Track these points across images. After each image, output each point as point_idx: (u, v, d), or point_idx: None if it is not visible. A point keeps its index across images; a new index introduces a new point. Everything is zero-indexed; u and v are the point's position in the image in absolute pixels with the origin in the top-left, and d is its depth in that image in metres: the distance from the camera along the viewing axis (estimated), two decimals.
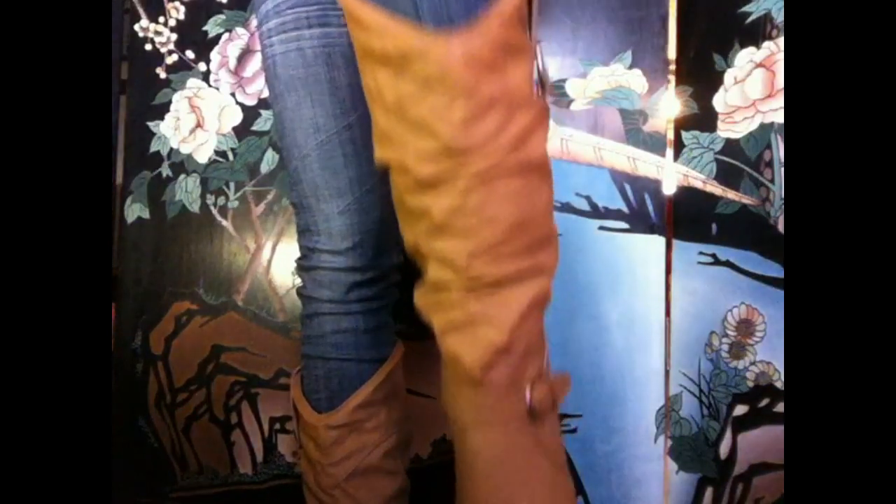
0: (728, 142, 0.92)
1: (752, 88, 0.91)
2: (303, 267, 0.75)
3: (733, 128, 0.91)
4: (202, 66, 1.09)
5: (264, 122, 1.06)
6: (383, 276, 0.74)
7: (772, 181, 0.90)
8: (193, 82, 1.09)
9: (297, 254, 0.77)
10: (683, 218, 0.93)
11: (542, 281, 0.51)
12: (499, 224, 0.48)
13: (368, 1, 0.46)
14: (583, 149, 0.95)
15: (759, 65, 0.90)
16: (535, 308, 0.51)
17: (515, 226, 0.49)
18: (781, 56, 0.89)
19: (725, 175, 0.92)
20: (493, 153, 0.47)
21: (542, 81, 0.50)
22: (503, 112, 0.47)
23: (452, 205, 0.48)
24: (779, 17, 0.89)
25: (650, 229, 0.94)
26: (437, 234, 0.50)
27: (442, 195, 0.48)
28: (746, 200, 0.91)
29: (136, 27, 1.10)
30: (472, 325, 0.50)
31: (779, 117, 0.90)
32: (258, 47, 0.85)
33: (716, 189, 0.92)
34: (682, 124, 0.93)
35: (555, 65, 0.97)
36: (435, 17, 0.46)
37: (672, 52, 0.94)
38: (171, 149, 1.09)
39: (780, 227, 0.90)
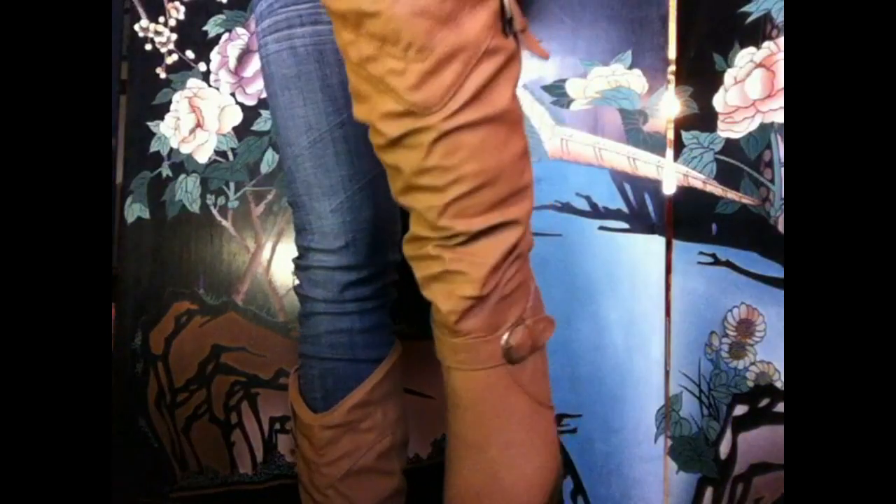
0: (728, 142, 0.92)
1: (752, 88, 0.91)
2: (299, 266, 0.76)
3: (733, 128, 0.91)
4: (202, 66, 1.09)
5: (264, 122, 1.06)
6: (378, 275, 0.74)
7: (772, 181, 0.90)
8: (193, 82, 1.09)
9: (296, 253, 0.77)
10: (683, 218, 0.93)
11: (514, 232, 0.52)
12: (465, 180, 0.49)
13: None
14: (583, 149, 0.95)
15: (759, 65, 0.90)
16: (509, 258, 0.53)
17: (482, 180, 0.49)
18: (781, 56, 0.89)
19: (725, 175, 0.92)
20: (452, 108, 0.47)
21: (510, 21, 0.49)
22: (461, 65, 0.46)
23: (418, 163, 0.49)
24: (779, 17, 0.89)
25: (650, 229, 0.94)
26: (410, 190, 0.51)
27: (409, 153, 0.49)
28: (746, 200, 0.91)
29: (136, 27, 1.10)
30: (447, 277, 0.52)
31: (779, 117, 0.90)
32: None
33: (716, 189, 0.92)
34: (682, 124, 0.93)
35: (555, 65, 0.97)
36: None
37: (672, 52, 0.94)
38: (171, 149, 1.09)
39: (780, 227, 0.90)
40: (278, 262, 1.05)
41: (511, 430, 0.56)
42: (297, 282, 0.76)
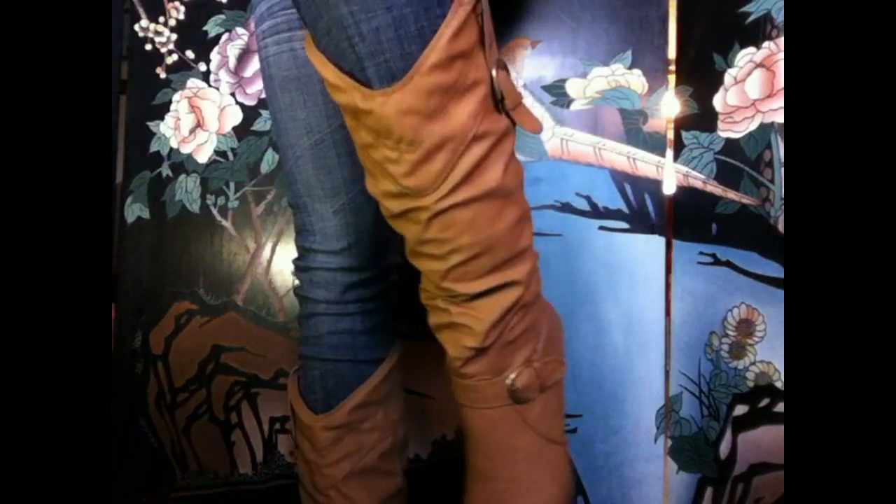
0: (728, 142, 0.92)
1: (752, 88, 0.91)
2: (299, 267, 0.75)
3: (733, 128, 0.91)
4: (202, 66, 1.09)
5: (264, 122, 1.06)
6: (380, 276, 0.74)
7: (772, 181, 0.90)
8: (193, 82, 1.09)
9: (296, 254, 0.76)
10: (683, 218, 0.93)
11: (515, 291, 0.56)
12: (461, 250, 0.53)
13: (330, 61, 0.50)
14: (583, 149, 0.95)
15: (759, 65, 0.90)
16: (510, 313, 0.56)
17: (478, 250, 0.53)
18: (781, 56, 0.89)
19: (725, 175, 0.92)
20: (443, 191, 0.51)
21: (502, 100, 0.51)
22: (449, 153, 0.50)
23: (419, 235, 0.54)
24: (779, 17, 0.89)
25: (650, 229, 0.94)
26: (416, 255, 0.56)
27: (410, 226, 0.54)
28: (746, 200, 0.91)
29: (136, 27, 1.10)
30: (454, 328, 0.57)
31: (779, 117, 0.90)
32: None
33: (716, 189, 0.92)
34: (682, 124, 0.93)
35: (555, 65, 0.97)
36: (378, 76, 0.49)
37: (672, 52, 0.94)
38: (171, 149, 1.09)
39: (780, 227, 0.90)
40: (278, 263, 1.05)
41: (516, 466, 0.58)
42: (297, 283, 0.76)
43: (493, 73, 0.50)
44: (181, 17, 1.09)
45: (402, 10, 0.47)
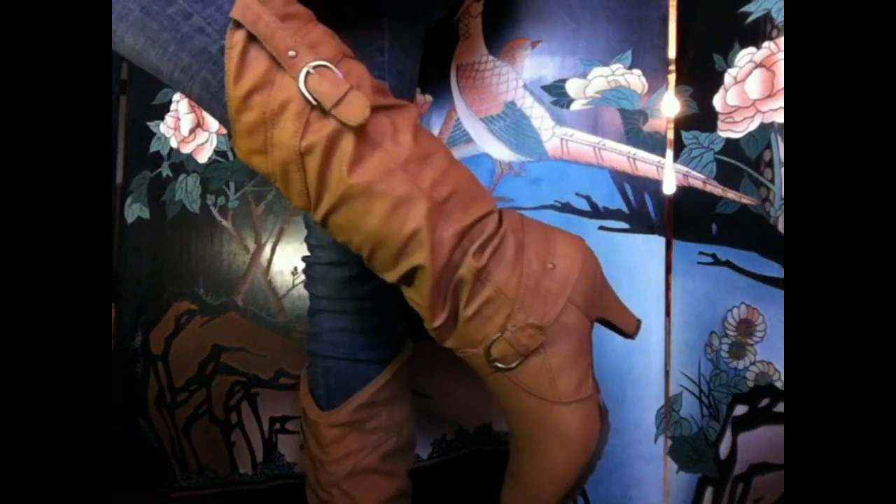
0: (728, 142, 0.92)
1: (752, 88, 0.91)
2: (305, 263, 0.77)
3: (733, 128, 0.91)
4: None
5: None
6: (373, 273, 0.74)
7: (772, 181, 0.90)
8: None
9: (297, 254, 0.77)
10: (683, 218, 0.93)
11: (424, 275, 0.55)
12: (360, 248, 0.57)
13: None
14: (583, 149, 0.95)
15: (759, 65, 0.90)
16: (442, 295, 0.57)
17: (371, 246, 0.56)
18: (781, 56, 0.89)
19: (725, 175, 0.92)
20: (315, 204, 0.55)
21: (318, 104, 0.53)
22: (295, 172, 0.54)
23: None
24: (779, 17, 0.89)
25: (650, 229, 0.94)
26: None
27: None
28: (746, 200, 0.91)
29: None
30: (415, 309, 0.60)
31: (779, 117, 0.90)
32: None
33: (716, 189, 0.92)
34: (682, 124, 0.93)
35: (555, 65, 0.97)
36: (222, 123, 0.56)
37: (672, 52, 0.94)
38: (171, 149, 1.09)
39: (780, 227, 0.90)
40: (278, 263, 1.05)
41: (523, 425, 0.60)
42: (299, 282, 0.77)
43: (302, 83, 0.51)
44: None
45: (200, 73, 0.53)
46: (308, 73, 0.51)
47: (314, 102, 0.51)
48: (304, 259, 0.77)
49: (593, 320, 0.62)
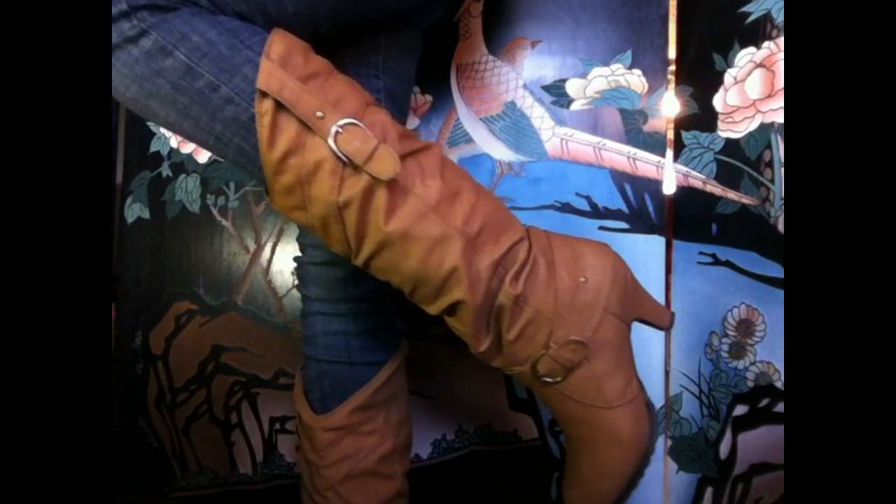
0: (728, 142, 0.92)
1: (752, 88, 0.91)
2: (297, 263, 0.76)
3: (733, 128, 0.91)
4: None
5: None
6: (368, 273, 0.74)
7: (772, 181, 0.90)
8: None
9: (298, 254, 0.76)
10: (683, 218, 0.93)
11: (466, 309, 0.58)
12: (402, 285, 0.60)
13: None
14: (583, 149, 0.95)
15: (759, 65, 0.90)
16: (483, 323, 0.60)
17: (412, 285, 0.59)
18: (781, 56, 0.89)
19: (725, 175, 0.92)
20: (355, 252, 0.59)
21: (350, 161, 0.55)
22: (335, 225, 0.57)
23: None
24: (779, 17, 0.89)
25: (650, 229, 0.94)
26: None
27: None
28: (746, 200, 0.91)
29: None
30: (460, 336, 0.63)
31: (779, 117, 0.90)
32: None
33: (716, 189, 0.92)
34: (682, 124, 0.93)
35: (555, 65, 0.97)
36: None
37: (672, 52, 0.94)
38: (171, 149, 1.09)
39: (780, 227, 0.90)
40: (278, 263, 1.05)
41: (576, 430, 0.63)
42: (297, 280, 0.76)
43: (332, 143, 0.53)
44: None
45: (234, 140, 0.55)
46: (337, 132, 0.53)
47: (346, 160, 0.54)
48: (296, 259, 0.76)
49: (630, 323, 0.64)
